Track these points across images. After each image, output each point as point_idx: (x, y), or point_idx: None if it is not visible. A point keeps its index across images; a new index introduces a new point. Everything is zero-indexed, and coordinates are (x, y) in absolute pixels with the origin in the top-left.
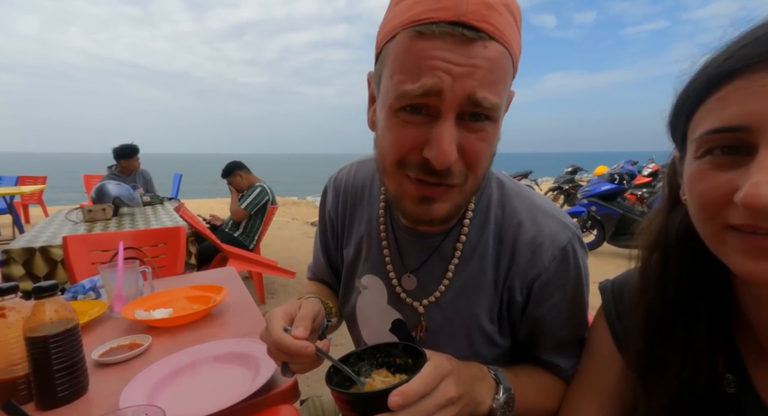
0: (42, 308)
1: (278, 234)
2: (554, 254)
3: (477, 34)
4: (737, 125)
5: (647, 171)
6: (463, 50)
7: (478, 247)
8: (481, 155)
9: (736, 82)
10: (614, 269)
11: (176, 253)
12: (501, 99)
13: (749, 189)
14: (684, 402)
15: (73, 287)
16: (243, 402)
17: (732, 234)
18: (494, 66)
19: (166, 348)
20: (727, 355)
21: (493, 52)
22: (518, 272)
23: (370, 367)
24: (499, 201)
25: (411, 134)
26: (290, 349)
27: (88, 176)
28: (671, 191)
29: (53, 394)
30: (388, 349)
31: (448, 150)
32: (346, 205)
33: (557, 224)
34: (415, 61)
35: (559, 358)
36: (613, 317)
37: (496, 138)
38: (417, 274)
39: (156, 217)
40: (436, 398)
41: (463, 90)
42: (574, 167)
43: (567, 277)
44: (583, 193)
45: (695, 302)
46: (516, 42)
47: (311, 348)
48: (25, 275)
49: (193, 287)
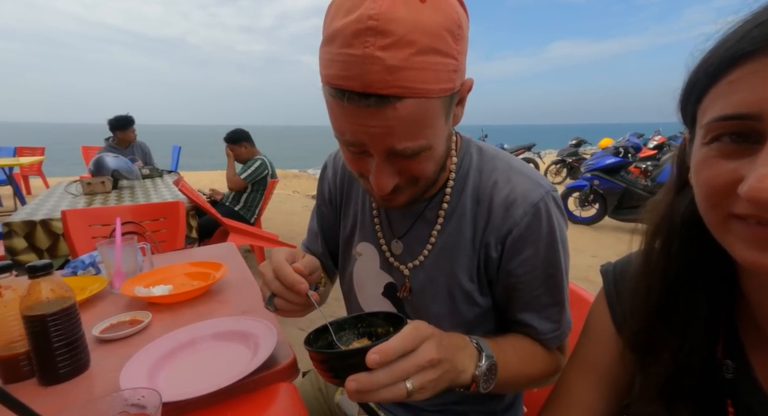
0: (38, 287)
1: (279, 208)
2: (526, 210)
3: (385, 101)
4: (747, 113)
5: (653, 144)
6: (375, 115)
7: (456, 209)
8: (422, 172)
9: (748, 65)
10: (615, 242)
11: (176, 227)
12: (427, 140)
13: (753, 182)
14: (679, 385)
15: (73, 262)
16: (242, 381)
17: (736, 224)
18: (411, 120)
19: (166, 325)
20: (728, 341)
21: (407, 109)
22: (493, 229)
23: (351, 337)
24: (477, 165)
25: (356, 163)
26: (287, 278)
27: (86, 148)
28: (680, 173)
29: (54, 371)
30: (370, 319)
31: (383, 184)
32: (344, 181)
33: (531, 183)
34: (337, 118)
35: (536, 320)
36: (614, 300)
37: (438, 152)
38: (404, 240)
39: (156, 190)
40: (415, 358)
41: (383, 144)
42: (579, 140)
43: (539, 233)
44: (586, 166)
45: (696, 286)
46: (442, 75)
47: (305, 285)
48: (28, 248)
49: (192, 264)
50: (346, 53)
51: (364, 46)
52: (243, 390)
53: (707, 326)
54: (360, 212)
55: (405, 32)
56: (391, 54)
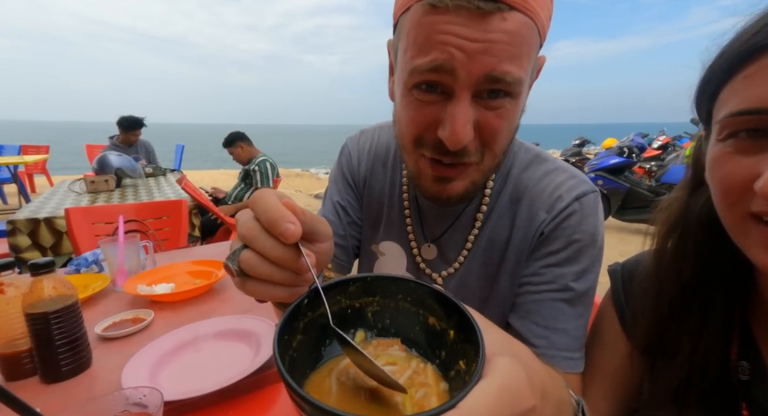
0: (40, 284)
1: None
2: (570, 201)
3: (495, 6)
4: (763, 108)
5: (657, 144)
6: (479, 24)
7: (494, 211)
8: (498, 133)
9: (764, 59)
10: (618, 243)
11: (179, 226)
12: (524, 73)
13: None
14: (693, 388)
15: (76, 260)
16: (244, 380)
17: (754, 227)
18: (515, 39)
19: (169, 323)
20: (742, 342)
21: (514, 24)
22: (535, 226)
23: (382, 315)
24: (521, 164)
25: (425, 114)
26: (268, 212)
27: (90, 146)
28: (696, 171)
29: (57, 368)
30: (423, 293)
31: (461, 132)
32: (369, 166)
33: (577, 180)
34: (427, 35)
35: (559, 335)
36: (622, 301)
37: (517, 114)
38: (438, 243)
39: (159, 189)
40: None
41: (479, 68)
42: (582, 140)
43: (578, 227)
44: (590, 166)
45: (711, 286)
46: (544, 7)
47: (294, 226)
48: (32, 246)
49: (195, 262)
50: None
51: None
52: (245, 389)
53: (722, 326)
54: (387, 208)
55: None
56: None
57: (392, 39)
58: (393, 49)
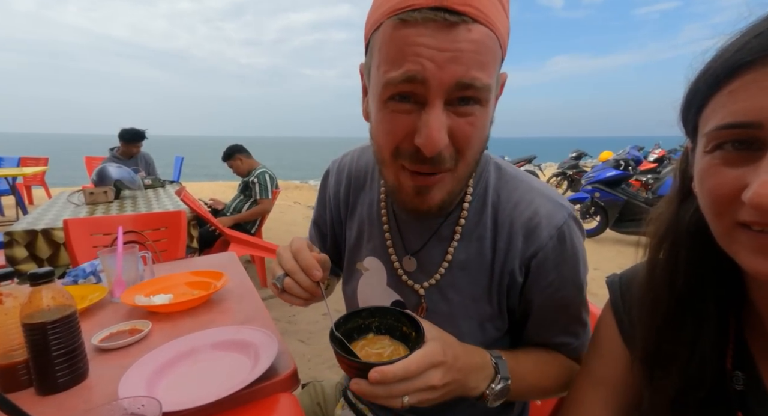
0: (39, 294)
1: (280, 218)
2: (551, 233)
3: (460, 18)
4: (748, 121)
5: (653, 157)
6: (447, 35)
7: (476, 230)
8: (470, 139)
9: (747, 75)
10: (616, 256)
11: (177, 237)
12: (491, 80)
13: (757, 188)
14: (690, 398)
15: (74, 271)
16: (242, 391)
17: (742, 232)
18: (481, 48)
19: (166, 334)
20: (737, 352)
21: (478, 35)
22: (517, 253)
23: (380, 326)
24: (496, 185)
25: (401, 123)
26: (305, 261)
27: (89, 158)
28: (683, 181)
29: (53, 380)
30: (399, 315)
31: (437, 137)
32: (350, 189)
33: (553, 205)
34: (399, 49)
35: (564, 336)
36: (621, 311)
37: (486, 122)
38: (417, 256)
39: (158, 200)
40: (417, 382)
41: (449, 76)
42: (579, 153)
43: (564, 256)
44: (587, 179)
45: (704, 297)
46: (502, 25)
47: (320, 272)
48: (28, 257)
49: (193, 273)
50: None
51: None
52: (243, 400)
53: (716, 336)
54: (367, 225)
55: None
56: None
57: (363, 62)
58: (366, 70)
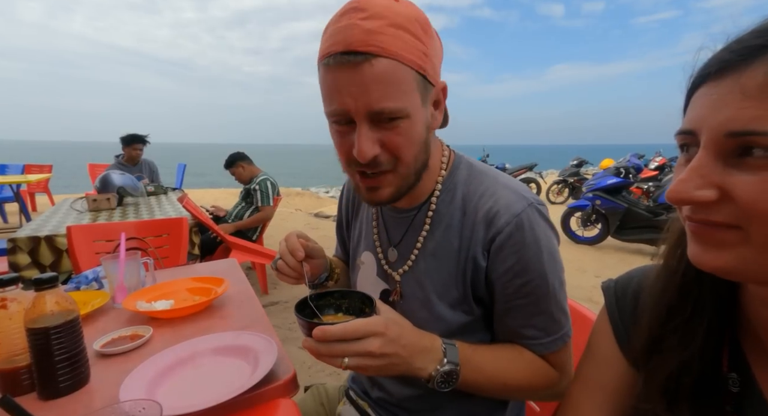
0: (43, 299)
1: (282, 225)
2: (508, 220)
3: (363, 57)
4: (688, 129)
5: (654, 164)
6: (355, 74)
7: (444, 219)
8: (401, 146)
9: (705, 86)
10: (618, 263)
11: (179, 244)
12: (404, 102)
13: (669, 187)
14: (687, 401)
15: (76, 278)
16: (242, 396)
17: (688, 225)
18: (385, 79)
19: (167, 340)
20: (732, 354)
21: (381, 68)
22: (479, 240)
23: (348, 307)
24: (467, 180)
25: (345, 140)
26: (292, 244)
27: (93, 165)
28: None
29: (55, 384)
30: (363, 298)
31: (364, 149)
32: (355, 201)
33: (515, 195)
34: (327, 89)
35: (520, 326)
36: (616, 317)
37: (416, 128)
38: (398, 247)
39: (160, 207)
40: (355, 346)
41: (363, 107)
42: (580, 160)
43: (522, 243)
44: (588, 186)
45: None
46: (414, 49)
47: (301, 253)
48: (31, 264)
49: (194, 279)
50: (335, 28)
51: (348, 19)
52: (243, 405)
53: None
54: (365, 225)
55: (380, 10)
56: (368, 22)
57: None
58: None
